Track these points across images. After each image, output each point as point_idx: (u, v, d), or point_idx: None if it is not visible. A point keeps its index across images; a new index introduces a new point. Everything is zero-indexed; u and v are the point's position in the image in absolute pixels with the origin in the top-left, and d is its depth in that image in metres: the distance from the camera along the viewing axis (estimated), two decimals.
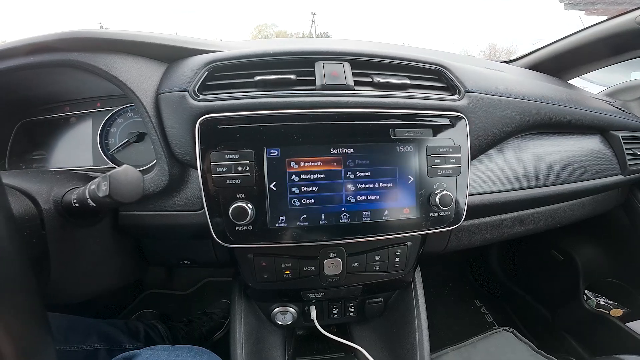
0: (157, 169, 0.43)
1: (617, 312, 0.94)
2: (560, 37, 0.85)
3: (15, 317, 0.25)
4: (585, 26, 0.79)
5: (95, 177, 0.45)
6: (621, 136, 0.72)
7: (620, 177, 0.70)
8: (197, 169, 0.40)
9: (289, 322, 0.58)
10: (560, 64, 0.85)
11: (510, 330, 0.75)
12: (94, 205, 0.33)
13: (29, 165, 0.58)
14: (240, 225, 0.40)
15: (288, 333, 0.68)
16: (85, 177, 0.45)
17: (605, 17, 0.81)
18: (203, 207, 0.41)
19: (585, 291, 1.00)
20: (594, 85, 1.22)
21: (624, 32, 0.72)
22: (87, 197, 0.33)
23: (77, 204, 0.36)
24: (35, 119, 0.59)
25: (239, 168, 0.39)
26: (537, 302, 1.09)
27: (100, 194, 0.30)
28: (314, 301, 0.57)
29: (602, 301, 0.97)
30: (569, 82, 0.88)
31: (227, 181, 0.39)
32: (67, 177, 0.43)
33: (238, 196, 0.40)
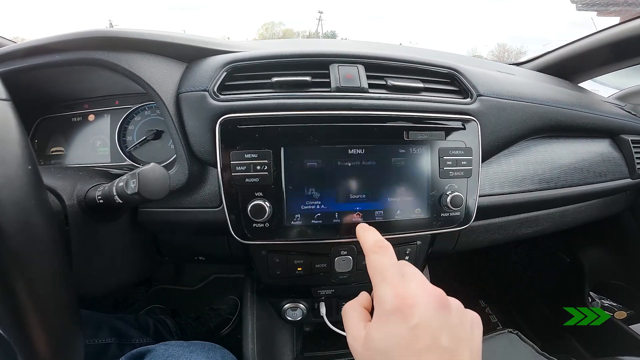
0: (177, 166, 0.44)
1: (621, 314, 0.94)
2: (570, 40, 0.85)
3: (52, 307, 0.27)
4: (597, 28, 0.79)
5: (114, 174, 0.47)
6: (631, 140, 0.72)
7: (628, 180, 0.71)
8: (216, 167, 0.41)
9: (299, 318, 0.59)
10: (571, 67, 0.85)
11: (515, 332, 0.76)
12: (120, 202, 0.34)
13: (47, 161, 0.60)
14: (257, 222, 0.41)
15: (296, 329, 0.69)
16: (105, 174, 0.47)
17: (618, 19, 0.81)
18: (221, 204, 0.42)
19: (590, 293, 1.01)
20: (606, 87, 1.21)
21: (635, 36, 0.72)
22: (114, 194, 0.34)
23: (101, 200, 0.38)
24: (54, 115, 0.60)
25: (258, 167, 0.40)
26: (542, 303, 1.10)
27: (129, 191, 0.32)
28: (323, 298, 0.58)
29: (606, 303, 0.98)
30: (580, 85, 0.88)
31: (246, 180, 0.40)
32: (89, 174, 0.44)
33: (256, 194, 0.41)
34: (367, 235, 0.34)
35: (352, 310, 0.31)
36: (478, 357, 0.27)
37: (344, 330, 0.58)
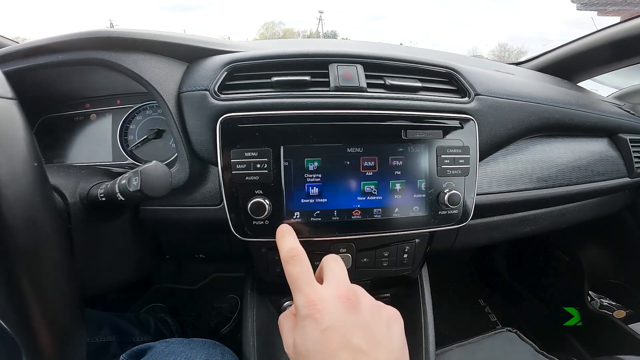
0: (178, 165, 0.45)
1: (620, 314, 0.95)
2: (570, 40, 0.85)
3: (56, 303, 0.27)
4: (598, 27, 0.80)
5: (116, 173, 0.47)
6: (629, 139, 0.72)
7: (627, 179, 0.71)
8: (217, 166, 0.42)
9: None
10: (570, 66, 0.86)
11: (514, 330, 0.76)
12: (122, 199, 0.35)
13: (49, 160, 0.60)
14: (257, 220, 0.42)
15: None
16: (107, 173, 0.47)
17: (618, 18, 0.81)
18: (221, 203, 0.43)
19: (589, 292, 1.01)
20: (605, 87, 1.21)
21: (634, 36, 0.72)
22: (117, 191, 0.34)
23: (103, 198, 0.38)
24: (56, 115, 0.61)
25: (258, 165, 0.41)
26: (541, 302, 1.10)
27: (131, 189, 0.32)
28: None
29: (605, 302, 0.98)
30: (579, 84, 0.88)
31: (246, 178, 0.41)
32: (92, 172, 0.45)
33: (256, 192, 0.41)
34: (283, 243, 0.35)
35: (285, 320, 0.32)
36: (399, 353, 0.29)
37: None
